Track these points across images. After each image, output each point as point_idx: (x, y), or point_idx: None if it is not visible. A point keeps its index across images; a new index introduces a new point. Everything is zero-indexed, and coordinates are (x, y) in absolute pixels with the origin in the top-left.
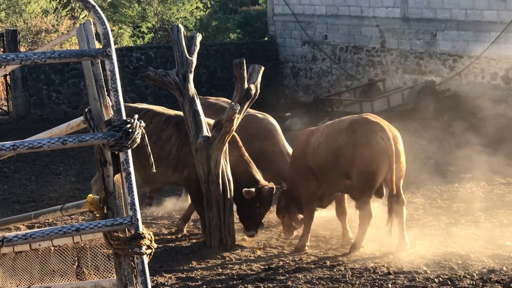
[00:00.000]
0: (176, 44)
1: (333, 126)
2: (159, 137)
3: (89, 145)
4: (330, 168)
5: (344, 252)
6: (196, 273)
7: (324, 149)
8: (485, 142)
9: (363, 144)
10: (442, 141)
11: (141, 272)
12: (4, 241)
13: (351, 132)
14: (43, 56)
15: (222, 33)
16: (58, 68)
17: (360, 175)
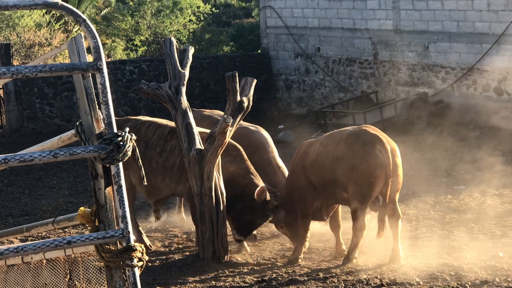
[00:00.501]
0: (168, 57)
1: (332, 137)
2: (164, 149)
3: (81, 158)
4: (328, 179)
5: (337, 264)
6: (189, 285)
7: (322, 159)
8: (478, 154)
9: (361, 156)
10: (435, 153)
11: (132, 285)
12: None
13: (349, 143)
14: (34, 70)
15: (215, 46)
16: (51, 82)
17: (356, 187)
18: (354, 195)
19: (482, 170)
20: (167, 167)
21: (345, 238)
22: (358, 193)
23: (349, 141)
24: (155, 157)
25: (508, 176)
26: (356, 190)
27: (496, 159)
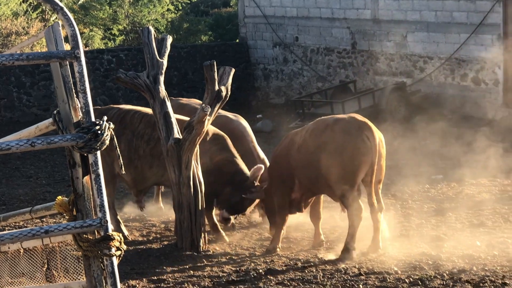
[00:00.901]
0: (146, 47)
1: (319, 123)
2: (151, 137)
3: (58, 147)
4: (313, 165)
5: (316, 253)
6: (167, 275)
7: (308, 145)
8: (455, 143)
9: (347, 140)
10: (413, 142)
11: (110, 274)
12: None
13: (336, 128)
14: (11, 58)
15: (193, 35)
16: (29, 71)
17: (341, 172)
18: (340, 180)
19: (460, 160)
20: (155, 155)
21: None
22: (343, 177)
23: (336, 126)
24: (142, 145)
25: (485, 166)
26: (341, 175)
27: (474, 149)
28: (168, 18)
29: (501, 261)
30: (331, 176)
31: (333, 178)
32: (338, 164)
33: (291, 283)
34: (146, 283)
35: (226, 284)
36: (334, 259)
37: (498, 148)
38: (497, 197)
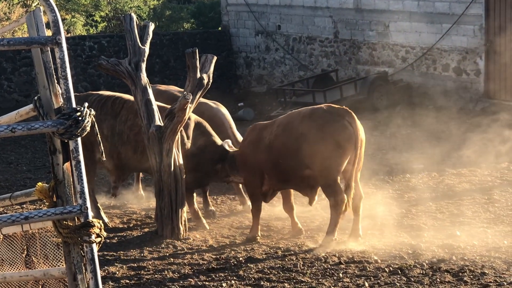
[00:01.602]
0: (128, 33)
1: (293, 116)
2: (134, 123)
3: (39, 133)
4: (288, 159)
5: (296, 242)
6: (148, 262)
7: (283, 140)
8: (437, 133)
9: (329, 127)
10: (395, 132)
11: (90, 261)
12: None
13: (315, 118)
14: None
15: (175, 23)
16: (10, 57)
17: (324, 161)
18: (324, 170)
19: (441, 149)
20: (139, 141)
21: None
22: (326, 167)
23: (314, 115)
24: (126, 131)
25: (466, 155)
26: (324, 164)
27: (455, 138)
28: (151, 5)
29: (481, 250)
30: (314, 167)
31: (317, 168)
32: (321, 154)
33: (271, 271)
34: (126, 270)
35: (206, 272)
36: (314, 248)
37: (479, 139)
38: (477, 187)
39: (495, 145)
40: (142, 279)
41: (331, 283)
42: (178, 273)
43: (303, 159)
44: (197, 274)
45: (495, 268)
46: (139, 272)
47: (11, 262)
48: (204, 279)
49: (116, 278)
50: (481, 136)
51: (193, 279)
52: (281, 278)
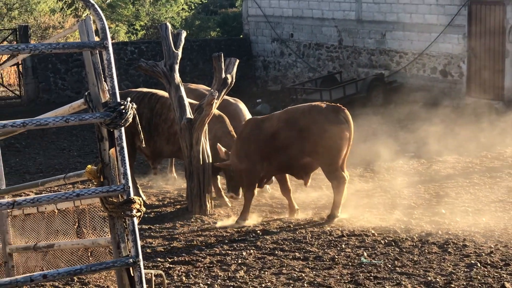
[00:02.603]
0: (164, 40)
1: (293, 112)
2: (167, 117)
3: (88, 123)
4: (291, 149)
5: (305, 218)
6: (179, 234)
7: (286, 133)
8: (426, 126)
9: (329, 122)
10: (390, 125)
11: (131, 232)
12: (15, 204)
13: (315, 113)
14: (49, 46)
15: (203, 31)
16: (63, 59)
17: (326, 152)
18: (324, 160)
19: (429, 140)
20: (171, 133)
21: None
22: (328, 157)
23: (314, 111)
24: (161, 124)
25: (450, 144)
26: (326, 154)
27: (441, 131)
28: (183, 16)
29: (462, 226)
30: (318, 158)
31: (321, 159)
32: (324, 146)
33: (284, 242)
34: (161, 240)
35: (229, 242)
36: (321, 222)
37: (462, 131)
38: (460, 172)
39: (475, 136)
40: (174, 248)
41: (335, 252)
42: (205, 243)
43: (306, 150)
44: (221, 244)
45: (475, 241)
46: (171, 242)
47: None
48: (227, 248)
49: (152, 247)
50: (464, 128)
51: (217, 248)
52: (292, 248)
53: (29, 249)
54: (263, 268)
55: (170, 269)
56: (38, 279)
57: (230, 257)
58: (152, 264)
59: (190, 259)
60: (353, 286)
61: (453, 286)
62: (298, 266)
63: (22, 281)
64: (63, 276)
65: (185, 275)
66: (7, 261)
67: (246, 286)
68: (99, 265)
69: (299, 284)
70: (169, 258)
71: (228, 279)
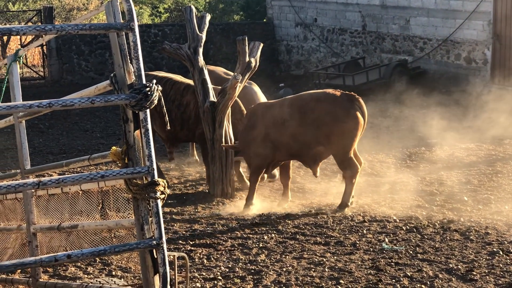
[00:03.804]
0: (188, 22)
1: (306, 99)
2: (181, 103)
3: (113, 105)
4: (302, 137)
5: (327, 203)
6: (200, 216)
7: (299, 120)
8: (448, 113)
9: (343, 111)
10: (412, 111)
11: (155, 214)
12: (40, 184)
13: (329, 102)
14: (75, 27)
15: (227, 15)
16: (87, 41)
17: (340, 140)
18: (338, 149)
19: (452, 126)
20: (184, 119)
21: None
22: (342, 145)
23: (328, 100)
24: (174, 109)
25: (473, 132)
26: (340, 143)
27: (464, 118)
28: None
29: (485, 214)
30: (331, 147)
31: (334, 148)
32: (337, 135)
33: (305, 227)
34: (182, 223)
35: (250, 226)
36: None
37: (485, 118)
38: (482, 159)
39: (499, 123)
40: (196, 230)
41: (356, 238)
42: (227, 226)
43: (319, 138)
44: (242, 228)
45: (497, 229)
46: (193, 225)
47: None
48: (248, 232)
49: (174, 229)
50: (487, 116)
51: (239, 232)
52: (313, 233)
53: (53, 229)
54: (284, 252)
55: (192, 251)
56: (63, 259)
57: (251, 241)
58: (173, 247)
59: (212, 242)
60: (374, 272)
61: (475, 273)
62: (319, 250)
63: (47, 261)
64: (87, 256)
65: (206, 258)
66: (31, 240)
67: (267, 270)
68: (122, 246)
69: (320, 268)
70: (191, 240)
71: (249, 263)
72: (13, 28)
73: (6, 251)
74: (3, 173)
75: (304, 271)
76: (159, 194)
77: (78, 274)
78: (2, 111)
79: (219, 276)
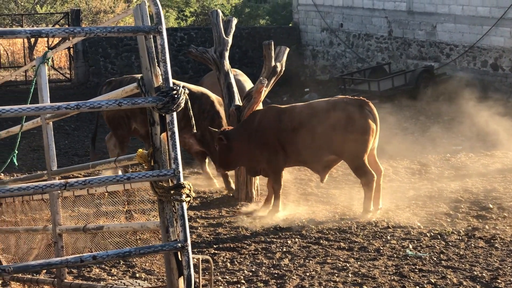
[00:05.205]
0: (215, 26)
1: (316, 107)
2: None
3: (141, 107)
4: (313, 145)
5: (351, 208)
6: (224, 220)
7: (309, 128)
8: (474, 120)
9: (355, 117)
10: (437, 117)
11: (180, 216)
12: (67, 186)
13: (340, 109)
14: (104, 30)
15: (253, 19)
16: (114, 43)
17: (353, 147)
18: (350, 156)
19: (478, 134)
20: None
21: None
22: (354, 152)
23: (339, 107)
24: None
25: (499, 139)
26: (352, 150)
27: (490, 125)
28: (232, 3)
29: (510, 221)
30: (344, 154)
31: (346, 155)
32: (350, 142)
33: (329, 232)
34: (207, 226)
35: (274, 230)
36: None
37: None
38: (508, 167)
39: None
40: (220, 234)
41: (380, 244)
42: (250, 230)
43: (331, 146)
44: (266, 232)
45: None
46: (217, 228)
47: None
48: (272, 236)
49: (199, 233)
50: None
51: (263, 236)
52: (337, 238)
53: (78, 230)
54: (308, 257)
55: (215, 255)
56: (88, 260)
57: (275, 245)
58: (197, 250)
59: (235, 246)
60: (397, 278)
61: (500, 281)
62: (343, 256)
63: (73, 261)
64: (112, 258)
65: (229, 261)
66: (56, 241)
67: (291, 274)
68: (147, 248)
69: (344, 274)
70: (214, 244)
71: (272, 267)
72: (43, 30)
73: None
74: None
75: (327, 276)
76: (185, 197)
77: (102, 276)
78: (31, 112)
79: (243, 280)
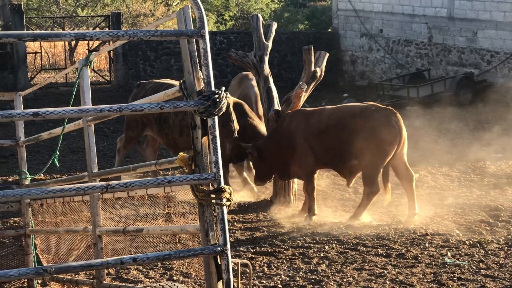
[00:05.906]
0: (255, 31)
1: (343, 112)
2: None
3: (182, 111)
4: (338, 150)
5: (390, 215)
6: (262, 224)
7: (334, 132)
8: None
9: (379, 126)
10: (477, 125)
11: (220, 220)
12: (108, 188)
13: (367, 116)
14: (147, 33)
15: (292, 24)
16: (153, 47)
17: (371, 156)
18: (367, 164)
19: None
20: (183, 126)
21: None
22: (372, 160)
23: (366, 114)
24: (172, 116)
25: None
26: (371, 159)
27: None
28: (272, 8)
29: None
30: (362, 160)
31: (364, 162)
32: (370, 150)
33: (366, 238)
34: (244, 230)
35: (311, 235)
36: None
37: None
38: None
39: None
40: (257, 238)
41: (418, 251)
42: (288, 235)
43: (354, 152)
44: (303, 237)
45: None
46: (254, 233)
47: (153, 218)
48: (309, 241)
49: (236, 237)
50: None
51: (300, 241)
52: (375, 244)
53: (118, 232)
54: (345, 263)
55: (253, 259)
56: (128, 262)
57: (312, 250)
58: (234, 254)
59: (272, 250)
60: (436, 286)
61: None
62: (381, 262)
63: (113, 263)
64: (152, 260)
65: (267, 266)
66: (96, 243)
67: (328, 280)
68: (187, 252)
69: (381, 280)
70: (252, 248)
71: (309, 272)
72: (87, 33)
73: (71, 252)
74: (69, 175)
75: (364, 283)
76: (225, 201)
77: (139, 278)
78: (74, 115)
79: (280, 284)
